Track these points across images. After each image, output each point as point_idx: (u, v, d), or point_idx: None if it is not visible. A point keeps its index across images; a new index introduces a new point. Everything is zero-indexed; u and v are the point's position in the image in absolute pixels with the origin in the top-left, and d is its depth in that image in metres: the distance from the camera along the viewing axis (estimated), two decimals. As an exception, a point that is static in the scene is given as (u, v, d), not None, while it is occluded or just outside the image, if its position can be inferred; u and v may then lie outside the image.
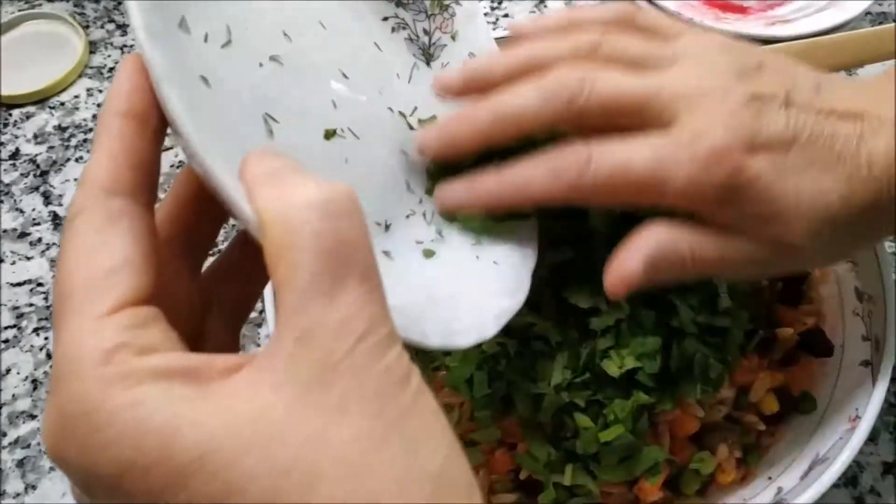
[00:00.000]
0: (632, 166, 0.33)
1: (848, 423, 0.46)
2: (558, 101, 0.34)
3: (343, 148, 0.34)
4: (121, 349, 0.21)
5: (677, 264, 0.34)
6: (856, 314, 0.51)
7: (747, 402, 0.47)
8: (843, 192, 0.34)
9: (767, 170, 0.33)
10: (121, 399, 0.20)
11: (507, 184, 0.35)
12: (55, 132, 0.68)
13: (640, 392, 0.42)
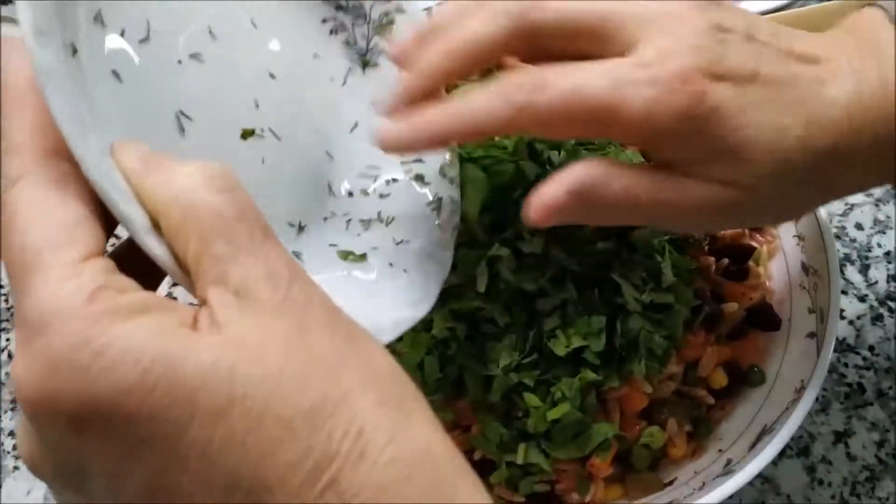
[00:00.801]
0: (587, 89, 0.31)
1: (794, 394, 0.47)
2: (510, 18, 0.33)
3: (260, 148, 0.34)
4: (103, 289, 0.22)
5: (607, 200, 0.33)
6: (802, 287, 0.52)
7: (696, 376, 0.48)
8: (801, 134, 0.33)
9: (729, 100, 0.32)
10: (115, 329, 0.21)
11: (454, 115, 0.33)
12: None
13: (587, 370, 0.43)
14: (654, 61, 0.31)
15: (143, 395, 0.21)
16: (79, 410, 0.21)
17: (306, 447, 0.21)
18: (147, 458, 0.21)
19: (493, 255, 0.43)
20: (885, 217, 0.62)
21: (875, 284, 0.59)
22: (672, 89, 0.31)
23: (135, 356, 0.21)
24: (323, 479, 0.21)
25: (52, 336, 0.21)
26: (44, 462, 0.23)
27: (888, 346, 0.56)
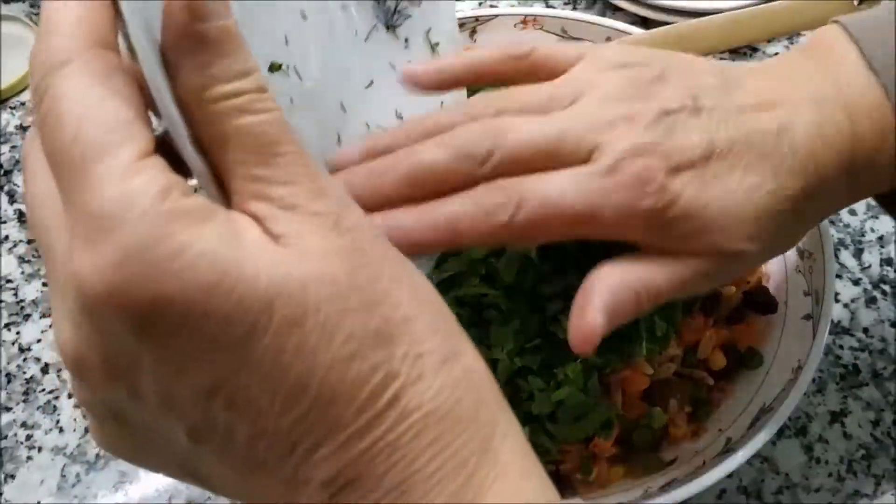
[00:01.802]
0: (561, 202, 0.32)
1: (791, 374, 0.48)
2: (469, 160, 0.33)
3: (284, 86, 0.34)
4: (171, 189, 0.21)
5: (633, 304, 0.34)
6: (798, 271, 0.53)
7: (696, 358, 0.49)
8: (770, 187, 0.34)
9: (690, 186, 0.33)
10: (190, 231, 0.21)
11: (431, 223, 0.33)
12: (17, 132, 0.69)
13: (590, 353, 0.44)
14: (612, 168, 0.33)
15: (221, 298, 0.21)
16: (152, 307, 0.21)
17: (372, 365, 0.23)
18: (214, 361, 0.21)
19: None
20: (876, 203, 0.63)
21: (869, 268, 0.60)
22: (635, 193, 0.33)
23: (211, 260, 0.21)
24: (385, 396, 0.23)
25: (125, 232, 0.20)
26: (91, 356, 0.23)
27: (882, 328, 0.57)
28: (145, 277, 0.20)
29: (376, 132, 0.39)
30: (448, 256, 0.46)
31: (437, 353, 0.24)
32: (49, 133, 0.22)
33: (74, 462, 0.53)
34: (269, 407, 0.22)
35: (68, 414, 0.55)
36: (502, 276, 0.44)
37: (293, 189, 0.23)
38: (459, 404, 0.24)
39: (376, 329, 0.23)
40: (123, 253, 0.20)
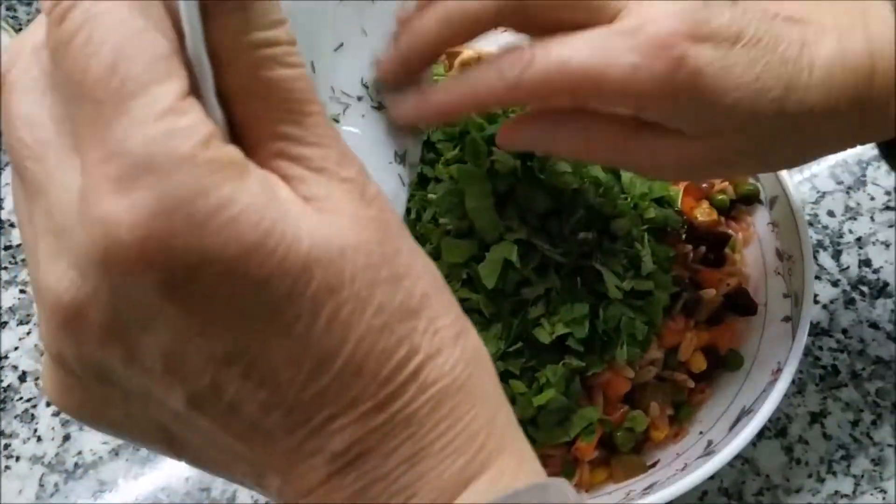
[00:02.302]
0: (572, 62, 0.32)
1: (771, 376, 0.48)
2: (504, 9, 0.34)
3: None
4: (214, 136, 0.20)
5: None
6: (777, 273, 0.53)
7: (676, 361, 0.49)
8: (778, 95, 0.34)
9: (711, 62, 0.33)
10: (234, 184, 0.19)
11: (456, 91, 0.35)
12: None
13: (571, 357, 0.45)
14: (636, 28, 0.33)
15: (263, 258, 0.20)
16: (190, 265, 0.19)
17: (399, 337, 0.22)
18: (242, 325, 0.20)
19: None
20: (855, 204, 0.64)
21: (847, 269, 0.61)
22: (653, 55, 0.32)
23: (257, 216, 0.19)
24: (408, 368, 0.22)
25: (168, 177, 0.19)
26: (92, 311, 0.20)
27: (861, 328, 0.58)
28: (187, 231, 0.19)
29: (341, 97, 0.38)
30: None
31: (452, 328, 0.24)
32: (76, 56, 0.19)
33: (53, 471, 0.53)
34: (292, 377, 0.21)
35: (46, 423, 0.54)
36: (484, 280, 0.44)
37: (323, 151, 0.22)
38: (472, 379, 0.24)
39: (402, 302, 0.22)
40: (165, 201, 0.19)
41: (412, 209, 0.48)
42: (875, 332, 0.58)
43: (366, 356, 0.22)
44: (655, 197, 0.52)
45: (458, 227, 0.46)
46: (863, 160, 0.66)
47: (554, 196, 0.47)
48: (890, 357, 0.57)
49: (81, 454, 0.53)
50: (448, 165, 0.49)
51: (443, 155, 0.50)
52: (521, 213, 0.47)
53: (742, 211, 0.56)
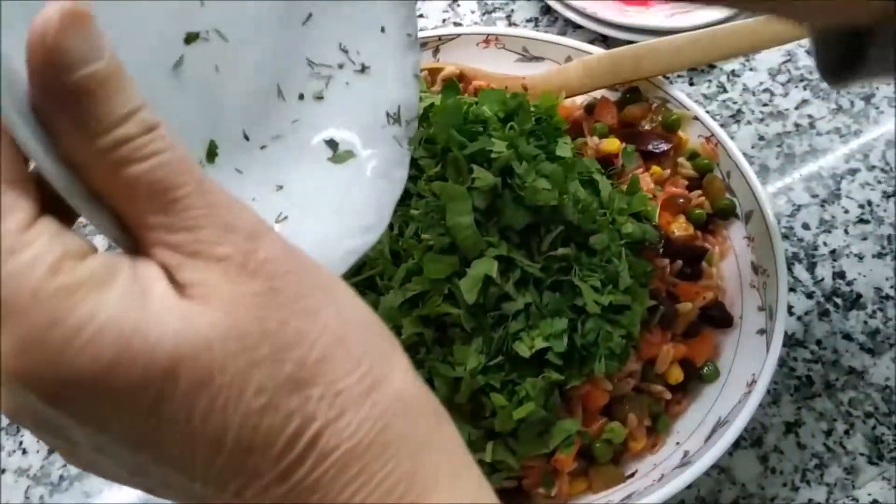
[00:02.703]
0: None
1: (746, 388, 0.49)
2: None
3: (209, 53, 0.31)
4: (63, 259, 0.21)
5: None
6: (753, 286, 0.55)
7: (654, 373, 0.50)
8: None
9: None
10: (86, 305, 0.20)
11: None
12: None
13: (551, 370, 0.45)
14: None
15: (124, 371, 0.20)
16: (57, 387, 0.20)
17: (287, 413, 0.22)
18: (131, 423, 0.21)
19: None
20: (830, 217, 0.65)
21: (821, 281, 0.62)
22: None
23: (112, 333, 0.20)
24: (303, 440, 0.22)
25: (20, 316, 0.20)
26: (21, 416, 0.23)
27: (834, 340, 0.59)
28: (48, 362, 0.20)
29: (322, 70, 0.36)
30: (412, 276, 0.47)
31: (360, 384, 0.24)
32: None
33: (38, 484, 0.53)
34: (192, 460, 0.22)
35: (31, 436, 0.55)
36: (465, 295, 0.45)
37: (195, 234, 0.22)
38: (385, 432, 0.24)
39: (289, 375, 0.22)
40: (22, 340, 0.20)
41: (394, 224, 0.49)
42: (848, 344, 0.59)
43: (253, 436, 0.22)
44: (633, 212, 0.53)
45: (439, 242, 0.47)
46: (837, 174, 0.67)
47: (533, 212, 0.48)
48: (862, 368, 0.58)
49: (67, 467, 0.54)
50: (430, 182, 0.50)
51: (425, 171, 0.50)
52: (501, 229, 0.48)
53: (719, 225, 0.58)
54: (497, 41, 0.64)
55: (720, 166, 0.59)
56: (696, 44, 0.60)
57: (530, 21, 0.77)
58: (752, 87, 0.72)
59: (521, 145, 0.50)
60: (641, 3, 0.74)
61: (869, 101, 0.72)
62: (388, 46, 0.37)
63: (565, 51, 0.63)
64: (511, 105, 0.54)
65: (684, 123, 0.60)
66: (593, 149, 0.59)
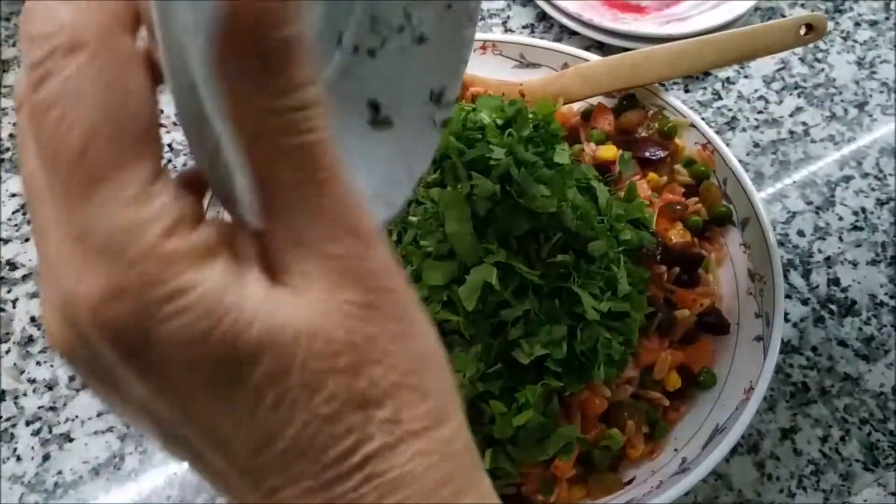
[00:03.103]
0: None
1: (743, 395, 0.50)
2: None
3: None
4: (178, 224, 0.20)
5: None
6: (749, 293, 0.55)
7: (652, 380, 0.51)
8: None
9: None
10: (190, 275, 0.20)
11: None
12: (-29, 153, 0.68)
13: (550, 377, 0.46)
14: None
15: (211, 344, 0.20)
16: (140, 344, 0.20)
17: (348, 426, 0.22)
18: (195, 395, 0.21)
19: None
20: (824, 224, 0.65)
21: (816, 288, 0.62)
22: None
23: (207, 305, 0.20)
24: (354, 458, 0.22)
25: (126, 267, 0.19)
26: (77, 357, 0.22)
27: (829, 346, 0.60)
28: (138, 317, 0.20)
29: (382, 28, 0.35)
30: (411, 281, 0.47)
31: (424, 419, 0.23)
32: (49, 133, 0.20)
33: (33, 491, 0.53)
34: (241, 446, 0.22)
35: (26, 442, 0.54)
36: (464, 302, 0.45)
37: (314, 223, 0.22)
38: (432, 470, 0.24)
39: (362, 392, 0.22)
40: (120, 288, 0.20)
41: (393, 231, 0.49)
42: (843, 350, 0.59)
43: (310, 440, 0.22)
44: (631, 219, 0.53)
45: (438, 249, 0.47)
46: (831, 181, 0.68)
47: (532, 219, 0.48)
48: (857, 374, 0.58)
49: (62, 473, 0.53)
50: (428, 188, 0.50)
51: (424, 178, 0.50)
52: (500, 236, 0.48)
53: (715, 231, 0.58)
54: (494, 47, 0.64)
55: (716, 173, 0.59)
56: (693, 51, 0.60)
57: (526, 27, 0.77)
58: (746, 94, 0.73)
59: (519, 152, 0.51)
60: (636, 11, 0.74)
61: (862, 108, 0.72)
62: (449, 24, 0.36)
63: (562, 57, 0.63)
64: (509, 112, 0.54)
65: (680, 130, 0.60)
66: (590, 155, 0.59)
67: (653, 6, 0.75)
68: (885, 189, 0.67)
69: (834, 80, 0.74)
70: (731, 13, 0.72)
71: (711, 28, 0.70)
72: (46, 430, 0.55)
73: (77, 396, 0.56)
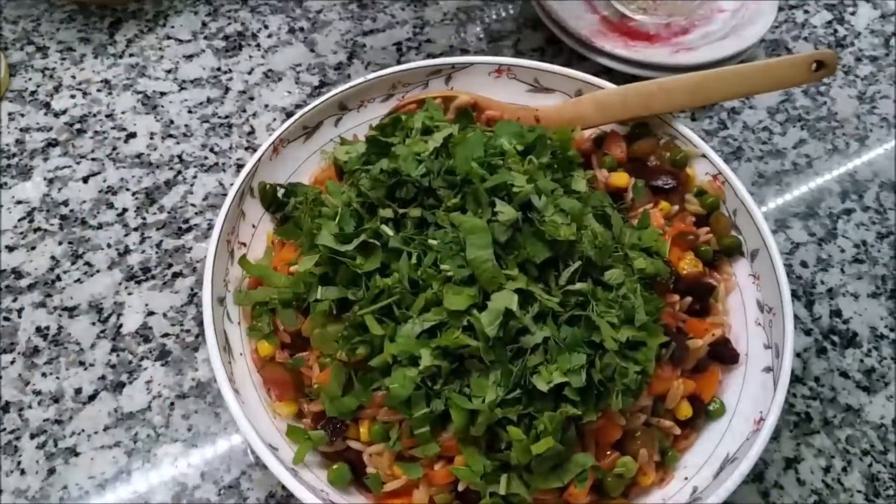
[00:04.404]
0: None
1: (753, 425, 0.50)
2: None
3: None
4: None
5: None
6: (758, 324, 0.56)
7: (664, 408, 0.51)
8: None
9: None
10: None
11: None
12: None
13: (568, 405, 0.46)
14: None
15: None
16: None
17: None
18: None
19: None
20: (826, 256, 0.67)
21: (819, 319, 0.63)
22: None
23: None
24: None
25: None
26: None
27: (832, 377, 0.61)
28: None
29: None
30: (431, 306, 0.47)
31: None
32: None
33: (36, 505, 0.52)
34: None
35: (30, 456, 0.54)
36: (486, 329, 0.45)
37: None
38: None
39: None
40: None
41: (412, 253, 0.49)
42: (845, 381, 0.60)
43: None
44: (644, 247, 0.54)
45: (458, 274, 0.47)
46: (834, 213, 0.69)
47: (552, 247, 0.48)
48: (859, 406, 0.59)
49: (67, 489, 0.53)
50: (449, 212, 0.50)
51: (444, 202, 0.51)
52: (520, 262, 0.48)
53: (723, 261, 0.59)
54: (509, 71, 0.65)
55: (726, 204, 0.60)
56: (707, 84, 0.61)
57: (536, 51, 0.77)
58: (751, 124, 0.74)
59: (540, 180, 0.51)
60: (646, 39, 0.75)
61: (863, 142, 0.74)
62: None
63: (576, 84, 0.64)
64: (529, 138, 0.55)
65: (691, 160, 0.61)
66: (602, 181, 0.59)
67: (663, 34, 0.76)
68: (885, 223, 0.69)
69: (836, 114, 0.76)
70: (740, 45, 0.73)
71: (720, 59, 0.72)
72: (52, 443, 0.54)
73: (83, 409, 0.56)
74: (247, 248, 0.57)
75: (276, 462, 0.46)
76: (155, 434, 0.55)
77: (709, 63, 0.70)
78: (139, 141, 0.69)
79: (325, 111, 0.62)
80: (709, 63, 0.70)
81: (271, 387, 0.52)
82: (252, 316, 0.54)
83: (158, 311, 0.60)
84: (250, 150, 0.69)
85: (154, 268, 0.62)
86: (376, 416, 0.49)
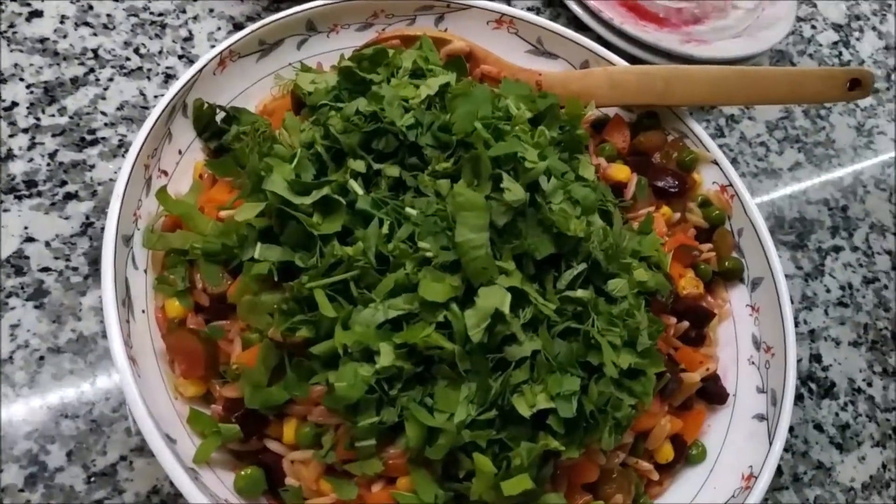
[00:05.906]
0: None
1: (741, 481, 0.43)
2: None
3: None
4: None
5: None
6: (751, 363, 0.49)
7: (643, 448, 0.43)
8: None
9: None
10: None
11: None
12: None
13: (549, 436, 0.37)
14: None
15: None
16: None
17: None
18: None
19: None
20: (812, 293, 0.61)
21: (800, 362, 0.58)
22: None
23: None
24: None
25: None
26: None
27: (806, 428, 0.55)
28: None
29: None
30: (400, 291, 0.38)
31: None
32: None
33: None
34: None
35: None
36: (469, 332, 0.36)
37: None
38: None
39: None
40: None
41: (384, 221, 0.39)
42: (819, 435, 0.55)
43: None
44: (645, 256, 0.46)
45: (441, 257, 0.38)
46: (823, 248, 0.63)
47: (559, 242, 0.40)
48: (830, 464, 0.54)
49: None
50: (436, 178, 0.41)
51: (430, 164, 0.41)
52: (517, 255, 0.39)
53: (720, 285, 0.51)
54: (511, 24, 0.55)
55: (732, 221, 0.52)
56: (734, 82, 0.53)
57: (531, 10, 0.68)
58: (749, 136, 0.68)
59: (551, 157, 0.42)
60: (655, 21, 0.67)
61: (858, 178, 0.69)
62: None
63: (584, 53, 0.55)
64: (540, 105, 0.46)
65: (700, 165, 0.54)
66: (600, 172, 0.51)
67: (674, 20, 0.68)
68: (872, 267, 0.64)
69: (833, 142, 0.70)
70: (757, 47, 0.66)
71: (736, 58, 0.64)
72: None
73: None
74: (168, 179, 0.46)
75: (171, 457, 0.35)
76: (14, 393, 0.43)
77: (723, 59, 0.63)
78: (45, 22, 0.56)
79: (288, 27, 0.51)
80: (723, 59, 0.63)
81: (176, 358, 0.41)
82: (164, 265, 0.43)
83: (40, 239, 0.47)
84: (185, 59, 0.57)
85: (42, 183, 0.49)
86: (307, 416, 0.39)
